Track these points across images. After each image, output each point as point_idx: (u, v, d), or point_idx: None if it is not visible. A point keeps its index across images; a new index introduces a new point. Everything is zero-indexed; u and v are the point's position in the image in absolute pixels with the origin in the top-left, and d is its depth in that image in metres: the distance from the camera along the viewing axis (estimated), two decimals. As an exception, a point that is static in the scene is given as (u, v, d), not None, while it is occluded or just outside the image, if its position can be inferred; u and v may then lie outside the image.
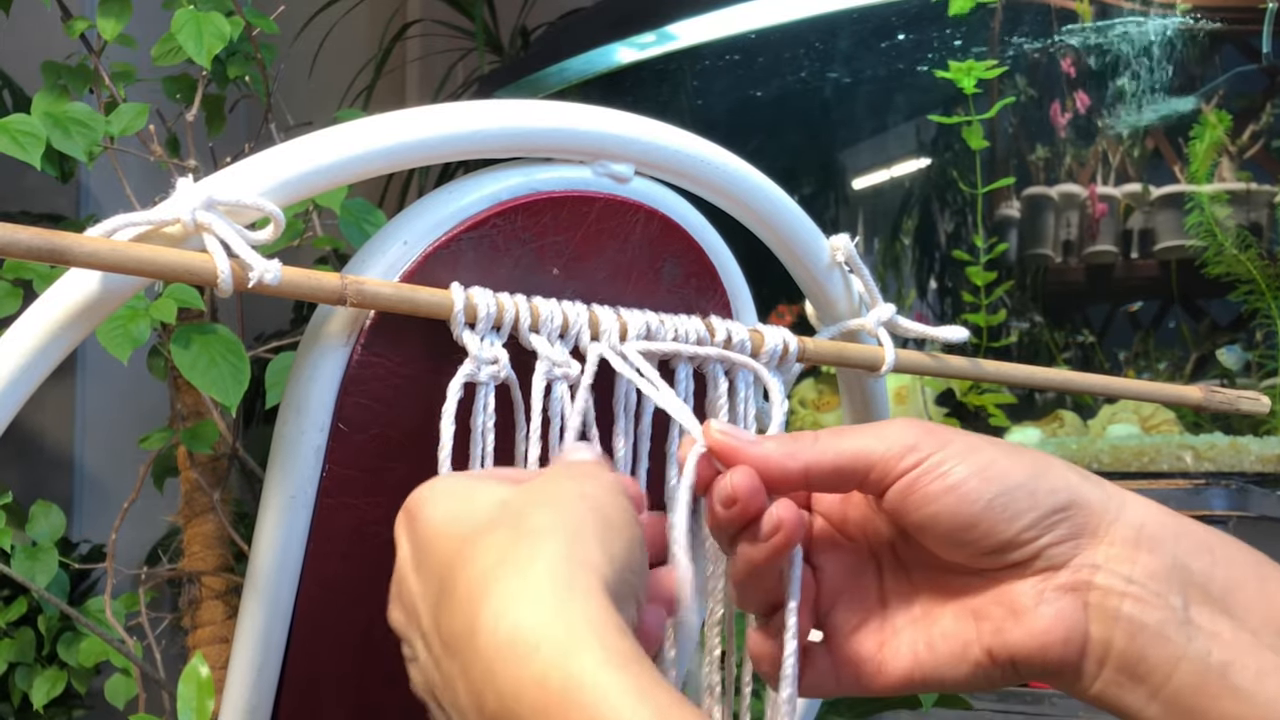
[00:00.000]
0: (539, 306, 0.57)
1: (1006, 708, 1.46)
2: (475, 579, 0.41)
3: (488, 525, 0.43)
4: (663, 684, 0.38)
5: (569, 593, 0.40)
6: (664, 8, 2.08)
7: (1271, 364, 1.73)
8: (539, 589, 0.40)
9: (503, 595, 0.40)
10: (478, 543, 0.43)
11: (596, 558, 0.42)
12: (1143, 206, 1.92)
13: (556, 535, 0.42)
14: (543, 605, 0.39)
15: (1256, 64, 1.82)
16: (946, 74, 1.80)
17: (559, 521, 0.43)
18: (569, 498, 0.44)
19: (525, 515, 0.43)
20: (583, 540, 0.42)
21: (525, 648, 0.38)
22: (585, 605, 0.39)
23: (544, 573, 0.40)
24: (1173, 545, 0.48)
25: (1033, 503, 0.48)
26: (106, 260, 0.48)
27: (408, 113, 0.56)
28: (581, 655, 0.37)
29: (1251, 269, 1.70)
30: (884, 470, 0.49)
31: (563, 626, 0.38)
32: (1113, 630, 0.48)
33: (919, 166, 2.22)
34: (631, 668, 0.37)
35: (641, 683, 0.37)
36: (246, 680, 0.59)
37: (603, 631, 0.38)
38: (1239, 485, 1.41)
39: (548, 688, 0.37)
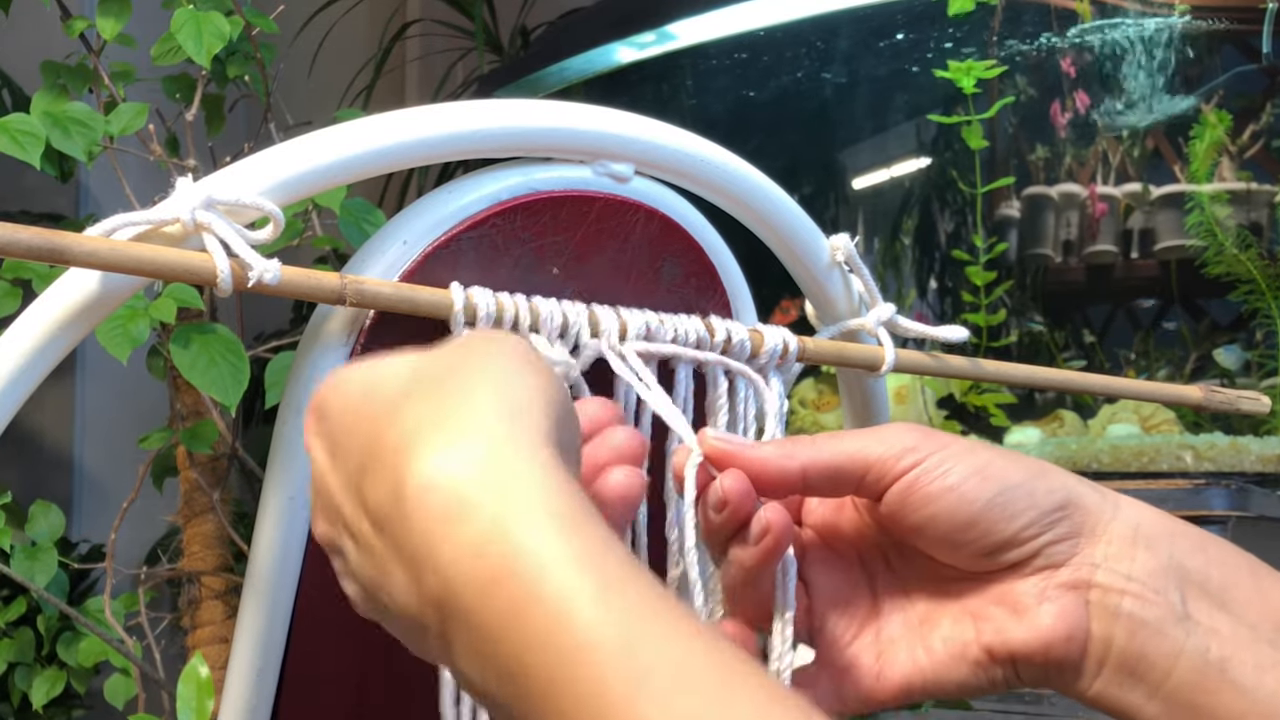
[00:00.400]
0: (539, 306, 0.57)
1: (1006, 708, 1.46)
2: (399, 440, 0.37)
3: (405, 391, 0.39)
4: (612, 548, 0.34)
5: (504, 445, 0.36)
6: (664, 8, 2.08)
7: (1271, 364, 1.73)
8: (470, 441, 0.36)
9: (431, 451, 0.36)
10: (400, 407, 0.38)
11: (531, 408, 0.38)
12: (1143, 206, 1.92)
13: (484, 387, 0.38)
14: (476, 459, 0.35)
15: (1256, 64, 1.81)
16: (946, 74, 1.80)
17: (485, 373, 0.39)
18: (489, 353, 0.40)
19: (447, 372, 0.39)
20: (512, 391, 0.38)
21: (461, 511, 0.34)
22: (523, 459, 0.35)
23: (474, 423, 0.36)
24: (1168, 544, 0.48)
25: (1031, 501, 0.48)
26: (106, 260, 0.48)
27: (408, 113, 0.56)
28: (521, 518, 0.34)
29: (1252, 269, 1.70)
30: (882, 471, 0.49)
31: (500, 484, 0.34)
32: (1113, 627, 0.48)
33: (919, 166, 2.22)
34: (580, 531, 0.34)
35: (590, 547, 0.33)
36: (246, 680, 0.59)
37: (545, 488, 0.35)
38: (1239, 485, 1.41)
39: (486, 554, 0.33)
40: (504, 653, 0.33)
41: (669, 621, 0.32)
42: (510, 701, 0.33)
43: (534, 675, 0.32)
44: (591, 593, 0.32)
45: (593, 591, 0.32)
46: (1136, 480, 1.48)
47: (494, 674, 0.33)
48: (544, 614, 0.32)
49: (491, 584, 0.33)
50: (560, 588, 0.32)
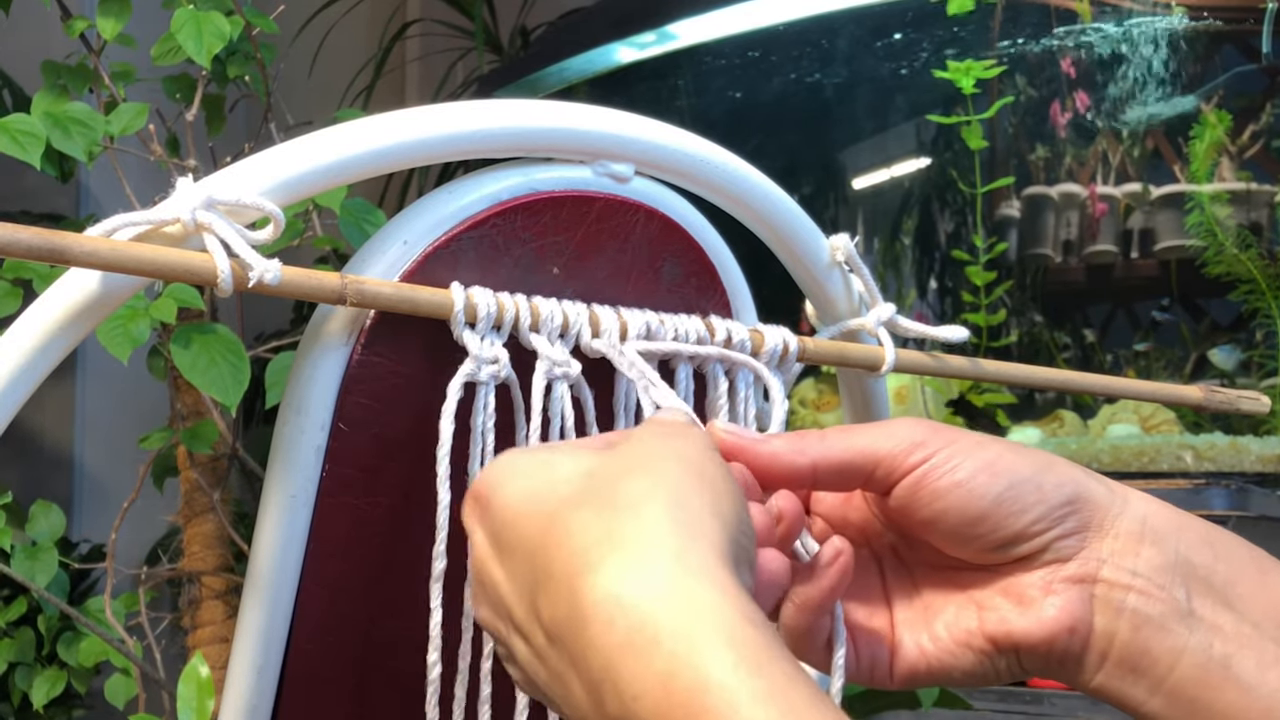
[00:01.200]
0: (539, 306, 0.57)
1: (1006, 707, 1.46)
2: (574, 560, 0.37)
3: (576, 499, 0.39)
4: (796, 683, 0.34)
5: (682, 568, 0.36)
6: (664, 8, 2.08)
7: (1271, 364, 1.73)
8: (648, 567, 0.36)
9: (609, 577, 0.36)
10: (569, 519, 0.39)
11: (707, 524, 0.38)
12: (1143, 206, 1.92)
13: (657, 502, 0.38)
14: (656, 586, 0.35)
15: (1256, 64, 1.82)
16: (946, 74, 1.80)
17: (657, 486, 0.39)
18: (662, 459, 0.41)
19: (617, 483, 0.39)
20: (687, 505, 0.38)
21: (645, 640, 0.35)
22: (704, 584, 0.36)
23: (651, 547, 0.36)
24: (1175, 539, 0.49)
25: (1040, 496, 0.48)
26: (106, 260, 0.48)
27: (408, 113, 0.56)
28: (709, 652, 0.34)
29: (1252, 269, 1.70)
30: (891, 466, 0.49)
31: (684, 614, 0.35)
32: (1117, 623, 0.48)
33: (919, 166, 2.22)
34: (765, 667, 0.34)
35: (775, 684, 0.34)
36: (246, 680, 0.59)
37: (730, 621, 0.35)
38: (1239, 485, 1.42)
39: (673, 689, 0.34)
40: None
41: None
42: None
43: None
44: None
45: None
46: (1136, 480, 1.48)
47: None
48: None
49: (679, 712, 0.33)
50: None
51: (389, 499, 0.58)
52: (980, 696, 1.43)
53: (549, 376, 0.57)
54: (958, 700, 1.19)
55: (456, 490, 0.56)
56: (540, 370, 0.57)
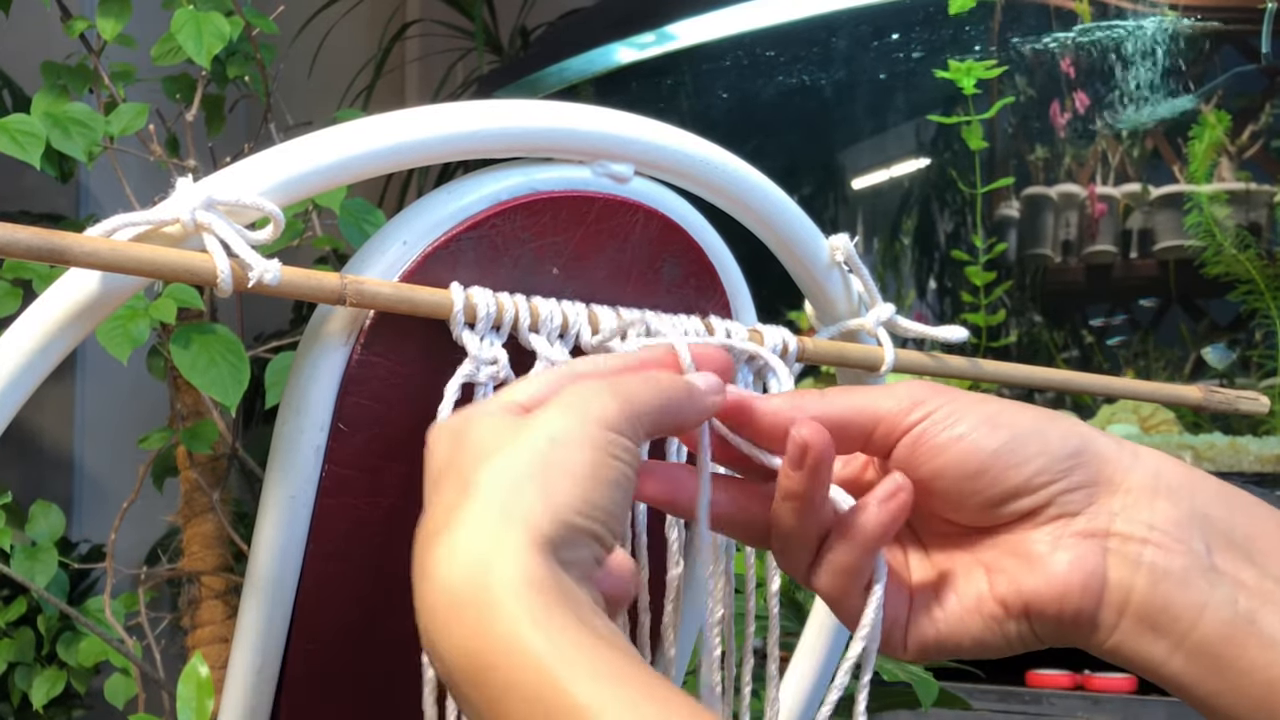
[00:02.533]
0: (538, 306, 0.57)
1: (1006, 707, 1.46)
2: (427, 528, 0.43)
3: (451, 470, 0.45)
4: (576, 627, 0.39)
5: (492, 552, 0.41)
6: (664, 8, 2.08)
7: (1270, 364, 1.73)
8: (464, 550, 0.41)
9: (438, 554, 0.42)
10: (441, 488, 0.45)
11: (532, 511, 0.42)
12: (1142, 206, 1.92)
13: (495, 491, 0.43)
14: (465, 567, 0.41)
15: (1256, 64, 1.82)
16: (946, 74, 1.80)
17: (503, 478, 0.43)
18: (530, 445, 0.44)
19: (477, 466, 0.44)
20: (521, 495, 0.42)
21: (453, 614, 0.40)
22: (506, 561, 0.40)
23: (472, 533, 0.42)
24: (1190, 493, 0.47)
25: (1043, 447, 0.47)
26: (106, 260, 0.48)
27: (408, 113, 0.56)
28: (495, 615, 0.39)
29: (1251, 269, 1.70)
30: (891, 425, 0.48)
31: (481, 587, 0.40)
32: (1134, 576, 0.46)
33: (919, 166, 2.22)
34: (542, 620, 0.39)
35: (550, 633, 0.38)
36: (246, 680, 0.59)
37: (516, 587, 0.40)
38: (1238, 485, 1.41)
39: (471, 653, 0.39)
40: None
41: (626, 682, 0.37)
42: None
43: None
44: (557, 668, 0.38)
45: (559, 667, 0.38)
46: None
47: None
48: (519, 696, 0.38)
49: (479, 675, 0.39)
50: (530, 672, 0.38)
51: (389, 499, 0.58)
52: (980, 697, 1.43)
53: (548, 376, 0.57)
54: (957, 700, 1.18)
55: (456, 490, 0.56)
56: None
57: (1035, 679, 1.46)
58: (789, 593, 1.17)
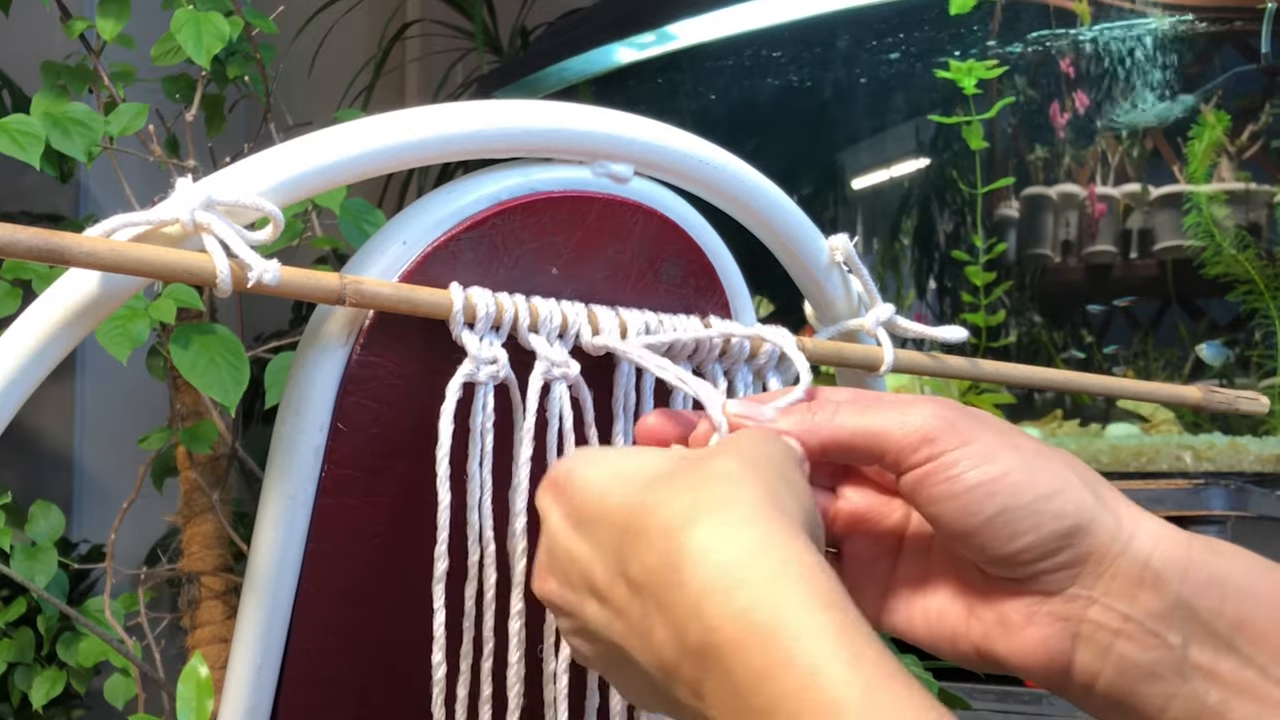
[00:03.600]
0: (538, 306, 0.57)
1: (1006, 708, 1.46)
2: (673, 518, 0.42)
3: (670, 473, 0.44)
4: (862, 627, 0.38)
5: (771, 530, 0.41)
6: (664, 8, 2.08)
7: (1270, 364, 1.73)
8: (742, 526, 0.41)
9: (707, 531, 0.41)
10: (667, 486, 0.43)
11: (789, 503, 0.43)
12: (1142, 207, 1.92)
13: (747, 478, 0.43)
14: (747, 542, 0.40)
15: (1255, 64, 1.81)
16: (947, 74, 1.80)
17: (746, 469, 0.43)
18: (750, 451, 0.45)
19: (710, 463, 0.44)
20: (773, 487, 0.43)
21: (731, 582, 0.39)
22: (788, 543, 0.40)
23: (746, 511, 0.41)
24: (1179, 582, 0.47)
25: (1034, 524, 0.47)
26: (105, 260, 0.48)
27: (407, 113, 0.56)
28: (786, 593, 0.38)
29: (1250, 269, 1.70)
30: (898, 458, 0.48)
31: (768, 563, 0.39)
32: (1102, 664, 0.47)
33: (918, 166, 2.22)
34: (833, 611, 0.38)
35: (841, 625, 0.38)
36: (246, 680, 0.59)
37: (807, 571, 0.39)
38: (1238, 485, 1.41)
39: (750, 622, 0.38)
40: (756, 705, 0.37)
41: (907, 691, 0.37)
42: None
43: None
44: (842, 661, 0.37)
45: (844, 660, 0.37)
46: (1136, 480, 1.48)
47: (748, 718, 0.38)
48: (797, 675, 0.37)
49: (756, 646, 0.38)
50: (815, 656, 0.37)
51: (388, 499, 0.58)
52: (980, 696, 1.43)
53: (547, 377, 0.57)
54: (957, 700, 1.19)
55: (456, 491, 0.56)
56: (538, 370, 0.57)
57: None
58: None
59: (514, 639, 0.56)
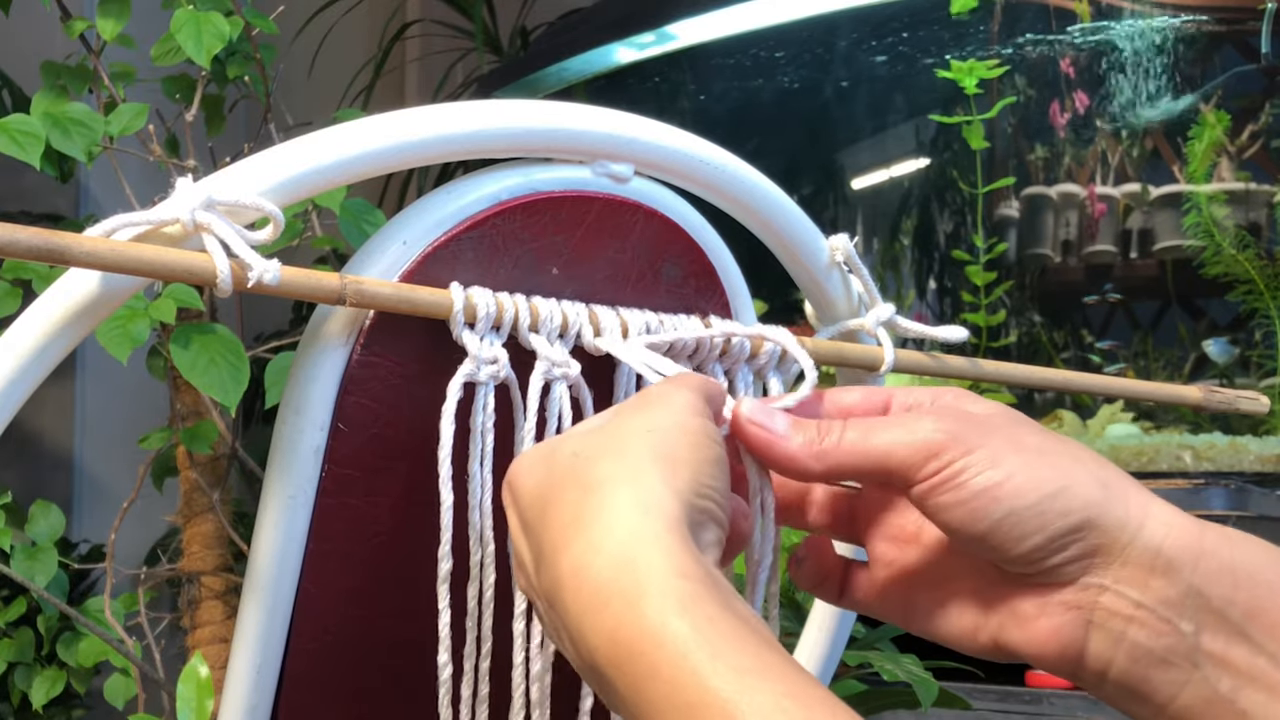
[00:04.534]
0: (538, 306, 0.57)
1: (1006, 708, 1.46)
2: (555, 538, 0.44)
3: (560, 484, 0.46)
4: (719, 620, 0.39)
5: (633, 540, 0.42)
6: (664, 8, 2.08)
7: (1270, 364, 1.73)
8: (605, 542, 0.42)
9: (576, 552, 0.43)
10: (555, 502, 0.45)
11: (662, 498, 0.44)
12: (1142, 206, 1.92)
13: (618, 484, 0.44)
14: (610, 558, 0.42)
15: (1255, 64, 1.82)
16: (948, 74, 1.80)
17: (620, 470, 0.45)
18: (632, 438, 0.46)
19: (590, 468, 0.45)
20: (645, 483, 0.44)
21: (599, 602, 0.41)
22: (650, 551, 0.42)
23: (609, 525, 0.43)
24: (1191, 569, 0.47)
25: (1041, 524, 0.47)
26: (106, 260, 0.48)
27: (407, 113, 0.56)
28: (643, 605, 0.40)
29: (1250, 269, 1.70)
30: (904, 476, 0.49)
31: (629, 577, 0.41)
32: (1115, 651, 0.47)
33: (919, 166, 2.22)
34: (689, 610, 0.40)
35: (698, 623, 0.39)
36: (246, 680, 0.59)
37: (667, 574, 0.41)
38: (1238, 485, 1.42)
39: (617, 641, 0.40)
40: (637, 713, 0.40)
41: (764, 684, 0.38)
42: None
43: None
44: (700, 663, 0.38)
45: (702, 661, 0.38)
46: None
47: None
48: (662, 683, 0.39)
49: (624, 662, 0.40)
50: (673, 662, 0.39)
51: (389, 499, 0.58)
52: (980, 697, 1.43)
53: (547, 377, 0.57)
54: (957, 700, 1.18)
55: (458, 491, 0.56)
56: (539, 370, 0.57)
57: (1035, 679, 1.46)
58: (789, 593, 1.17)
59: (518, 639, 0.56)
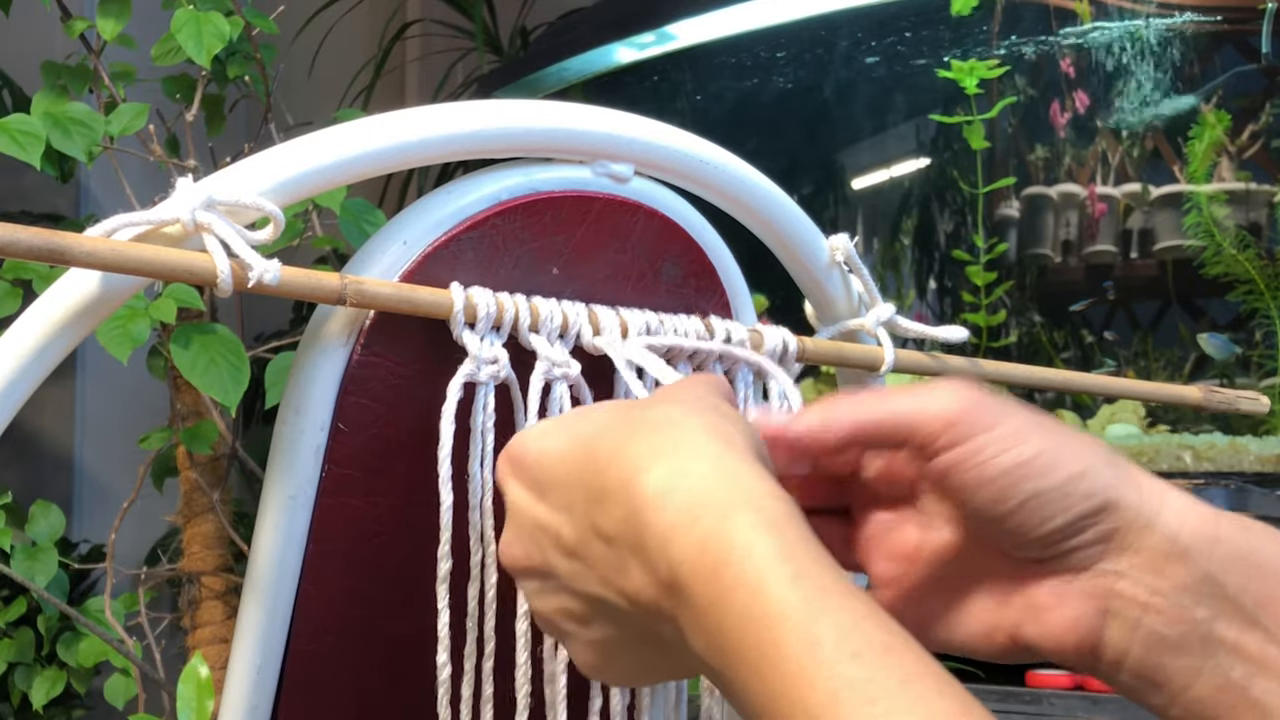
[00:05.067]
0: (538, 306, 0.57)
1: (1006, 708, 1.46)
2: (626, 469, 0.44)
3: (615, 428, 0.46)
4: (809, 542, 0.41)
5: (719, 462, 0.43)
6: (664, 8, 2.08)
7: (1270, 364, 1.73)
8: (691, 464, 0.43)
9: (661, 475, 0.43)
10: (614, 442, 0.45)
11: (736, 438, 0.45)
12: (1142, 206, 1.92)
13: (692, 420, 0.45)
14: (699, 477, 0.43)
15: (1256, 64, 1.82)
16: (948, 74, 1.80)
17: (689, 412, 0.46)
18: (688, 394, 0.48)
19: (649, 412, 0.46)
20: (718, 425, 0.45)
21: (690, 517, 0.42)
22: (738, 472, 0.43)
23: (693, 449, 0.44)
24: (1206, 557, 0.47)
25: (1065, 505, 0.47)
26: (105, 260, 0.48)
27: (408, 113, 0.56)
28: (736, 521, 0.41)
29: (1250, 269, 1.70)
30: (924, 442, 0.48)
31: (719, 494, 0.42)
32: (1131, 639, 0.47)
33: (919, 166, 2.22)
34: (779, 529, 0.41)
35: (786, 542, 0.40)
36: (246, 680, 0.59)
37: (756, 495, 0.42)
38: (1238, 485, 1.41)
39: (706, 551, 0.41)
40: (715, 625, 0.40)
41: (846, 603, 0.39)
42: (722, 668, 0.41)
43: (736, 641, 0.40)
44: (785, 577, 0.40)
45: (786, 576, 0.40)
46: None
47: (712, 644, 0.41)
48: (747, 592, 0.40)
49: (710, 572, 0.41)
50: (760, 574, 0.40)
51: (389, 499, 0.58)
52: (980, 697, 1.43)
53: (548, 377, 0.57)
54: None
55: (458, 491, 0.56)
56: (539, 370, 0.57)
57: (1035, 679, 1.46)
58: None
59: (520, 639, 0.56)
